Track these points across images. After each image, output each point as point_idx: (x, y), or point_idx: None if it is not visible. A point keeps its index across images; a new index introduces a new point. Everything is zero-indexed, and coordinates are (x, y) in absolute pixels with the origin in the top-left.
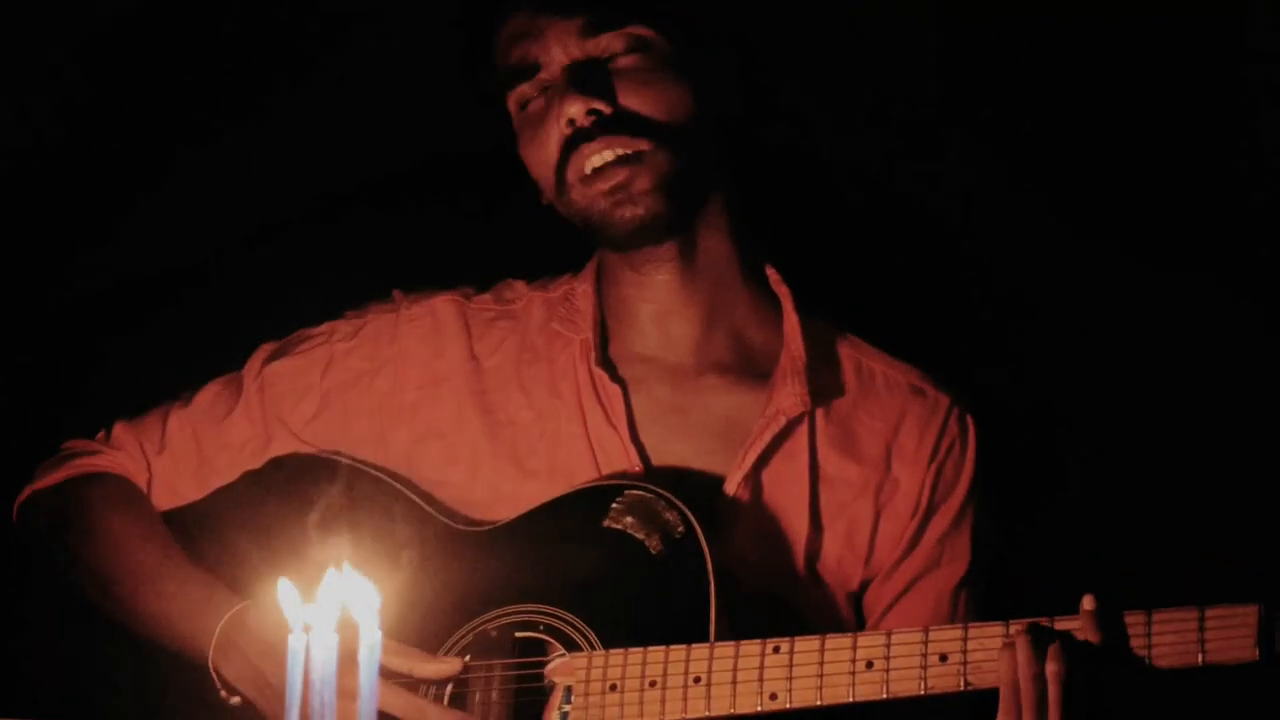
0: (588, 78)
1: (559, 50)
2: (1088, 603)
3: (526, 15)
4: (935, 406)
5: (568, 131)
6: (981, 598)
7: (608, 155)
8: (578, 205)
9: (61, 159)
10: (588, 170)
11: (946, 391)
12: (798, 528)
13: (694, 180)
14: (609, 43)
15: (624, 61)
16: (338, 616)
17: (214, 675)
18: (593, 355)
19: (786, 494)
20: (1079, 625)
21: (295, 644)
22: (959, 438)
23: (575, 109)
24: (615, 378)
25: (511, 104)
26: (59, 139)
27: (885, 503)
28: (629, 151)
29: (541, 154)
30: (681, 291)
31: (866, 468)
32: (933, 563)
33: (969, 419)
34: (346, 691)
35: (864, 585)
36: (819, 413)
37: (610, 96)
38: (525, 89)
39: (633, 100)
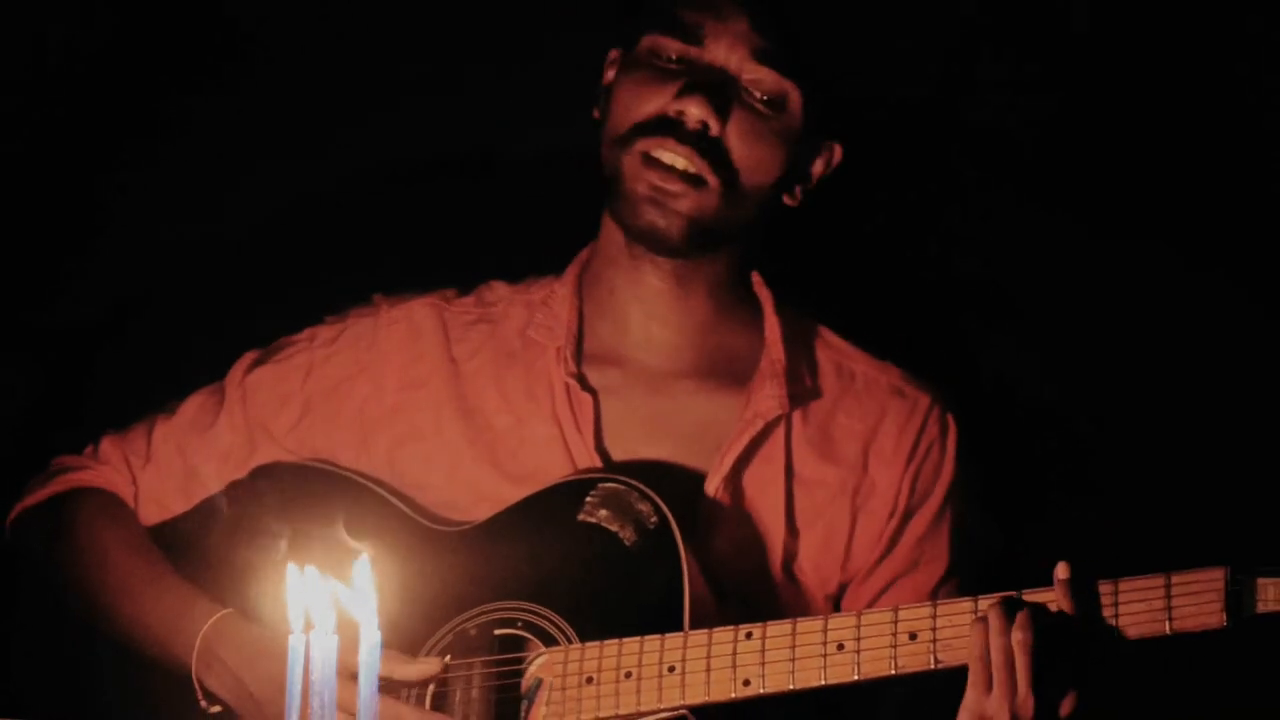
0: (726, 94)
1: (725, 49)
2: (1061, 571)
3: None
4: (915, 407)
5: (675, 116)
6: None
7: (679, 161)
8: (623, 167)
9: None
10: (657, 155)
11: (927, 391)
12: (774, 531)
13: (721, 235)
14: (764, 75)
15: (758, 105)
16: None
17: (196, 685)
18: (567, 364)
19: (764, 497)
20: (1051, 597)
21: (295, 644)
22: (939, 438)
23: (697, 111)
24: (587, 386)
25: (645, 41)
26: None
27: (862, 505)
28: (696, 173)
29: (637, 102)
30: (674, 303)
31: (844, 470)
32: (911, 564)
33: (949, 418)
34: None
35: (842, 588)
36: (796, 415)
37: (724, 122)
38: (672, 44)
39: (736, 143)
